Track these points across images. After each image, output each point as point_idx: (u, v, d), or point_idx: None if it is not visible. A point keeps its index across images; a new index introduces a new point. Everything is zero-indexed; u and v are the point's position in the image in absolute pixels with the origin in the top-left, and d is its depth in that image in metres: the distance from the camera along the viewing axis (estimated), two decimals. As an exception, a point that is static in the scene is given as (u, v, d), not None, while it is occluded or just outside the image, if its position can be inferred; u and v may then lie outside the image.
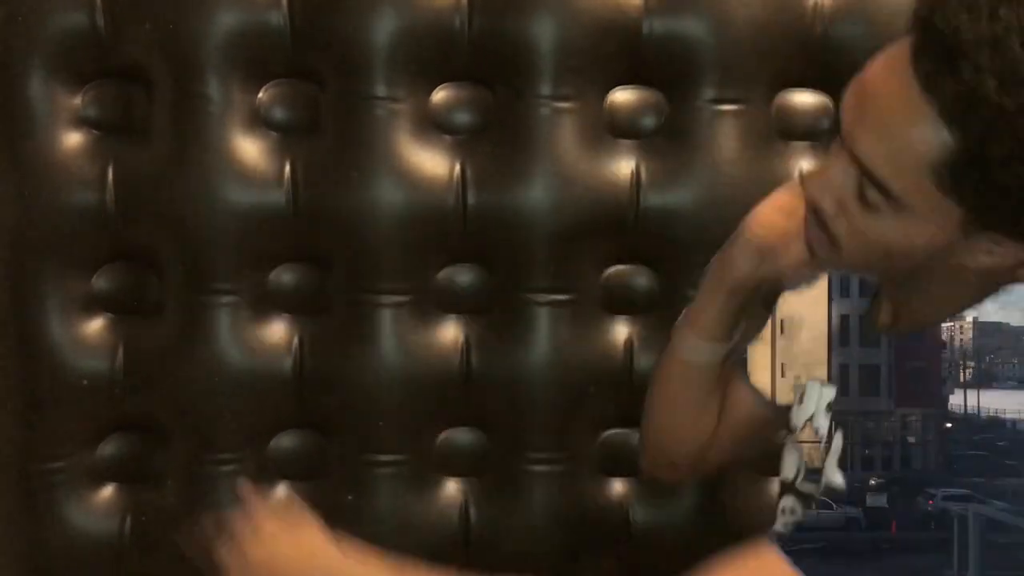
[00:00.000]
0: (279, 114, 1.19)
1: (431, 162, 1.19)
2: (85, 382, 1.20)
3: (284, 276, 1.22)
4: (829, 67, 1.19)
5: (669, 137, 1.21)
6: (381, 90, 1.17)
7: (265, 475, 1.23)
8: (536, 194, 1.19)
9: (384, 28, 1.14)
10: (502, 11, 1.17)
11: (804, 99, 1.22)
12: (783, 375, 0.98)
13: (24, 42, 1.15)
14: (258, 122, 1.18)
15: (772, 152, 1.21)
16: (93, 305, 1.21)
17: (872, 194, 0.67)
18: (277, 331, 1.21)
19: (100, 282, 1.21)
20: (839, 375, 0.95)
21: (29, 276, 1.18)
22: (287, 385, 1.21)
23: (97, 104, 1.18)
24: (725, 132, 1.19)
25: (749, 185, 1.19)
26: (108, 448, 1.23)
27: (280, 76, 1.19)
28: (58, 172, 1.17)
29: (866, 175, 0.67)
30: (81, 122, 1.18)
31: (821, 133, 1.21)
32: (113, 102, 1.18)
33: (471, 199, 1.19)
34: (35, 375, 1.20)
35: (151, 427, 1.22)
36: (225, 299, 1.19)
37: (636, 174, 1.21)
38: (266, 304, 1.21)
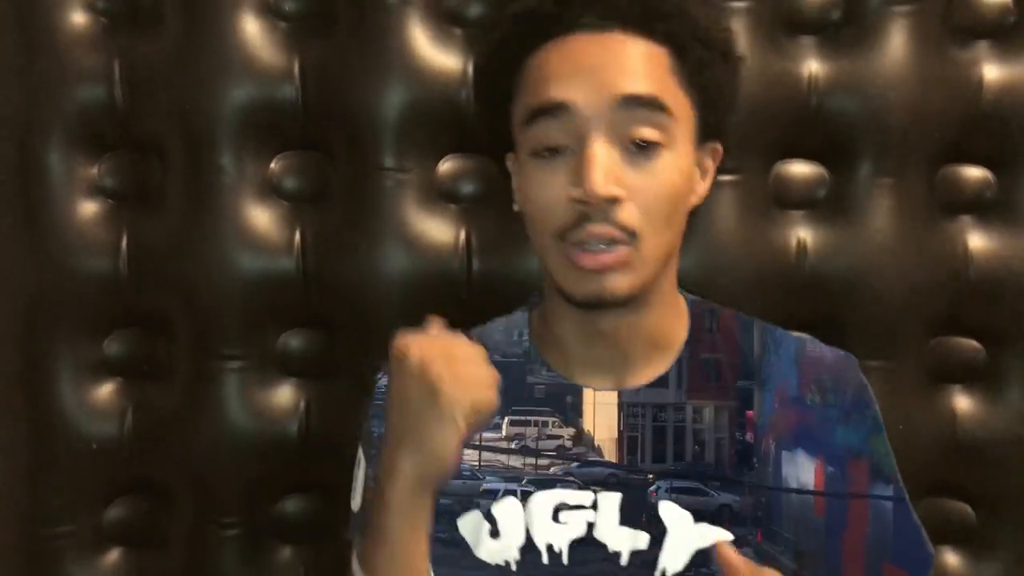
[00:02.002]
0: (290, 184, 1.22)
1: (437, 230, 1.21)
2: (94, 446, 1.21)
3: (292, 341, 1.24)
4: (825, 138, 1.23)
5: (669, 206, 1.23)
6: (389, 161, 1.20)
7: (271, 539, 1.24)
8: (534, 265, 1.21)
9: (393, 102, 1.17)
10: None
11: (801, 169, 1.24)
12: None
13: (45, 113, 1.19)
14: (269, 192, 1.21)
15: (770, 220, 1.23)
16: (104, 369, 1.23)
17: (647, 129, 0.74)
18: (284, 395, 1.23)
19: (111, 347, 1.23)
20: None
21: (42, 340, 1.20)
22: (293, 449, 1.22)
23: (113, 174, 1.21)
24: (723, 201, 1.22)
25: (747, 253, 1.22)
26: (115, 512, 1.24)
27: (291, 147, 1.22)
28: (73, 239, 1.20)
29: (641, 104, 0.73)
30: (97, 191, 1.21)
31: (818, 202, 1.24)
32: (129, 172, 1.22)
33: (476, 265, 1.21)
34: (44, 438, 1.21)
35: (158, 490, 1.23)
36: (233, 364, 1.21)
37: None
38: (273, 368, 1.23)
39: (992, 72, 1.21)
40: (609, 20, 0.76)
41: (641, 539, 0.82)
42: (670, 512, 0.83)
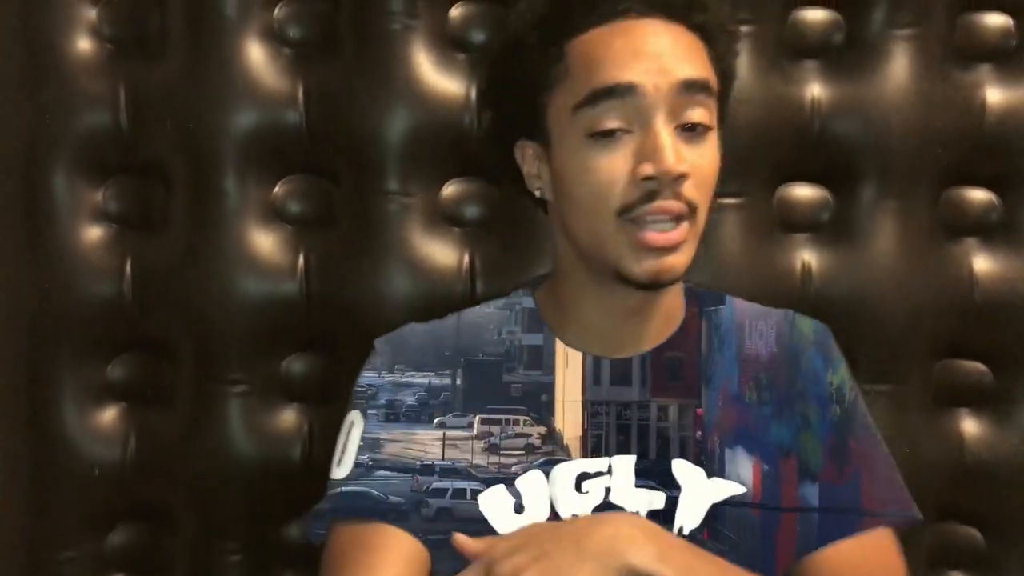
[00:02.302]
0: (294, 208, 1.22)
1: (441, 253, 1.21)
2: (97, 471, 1.21)
3: (295, 365, 1.23)
4: (828, 161, 1.23)
5: (673, 229, 1.23)
6: (393, 185, 1.20)
7: (273, 564, 1.23)
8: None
9: (396, 126, 1.18)
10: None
11: (804, 192, 1.24)
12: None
13: (50, 139, 1.19)
14: (273, 216, 1.21)
15: (774, 244, 1.23)
16: (107, 394, 1.23)
17: (699, 112, 0.78)
18: (287, 419, 1.23)
19: (115, 371, 1.23)
20: (592, 364, 0.91)
21: (45, 364, 1.20)
22: (296, 473, 1.21)
23: (118, 198, 1.22)
24: (728, 225, 1.22)
25: (752, 276, 1.22)
26: (117, 537, 1.23)
27: (295, 171, 1.22)
28: (78, 264, 1.20)
29: (698, 89, 0.77)
30: (102, 216, 1.21)
31: (822, 225, 1.24)
32: (133, 197, 1.22)
33: (479, 288, 1.21)
34: (47, 462, 1.21)
35: (161, 515, 1.23)
36: (237, 388, 1.21)
37: (641, 265, 1.23)
38: (276, 393, 1.22)
39: (995, 95, 1.22)
40: (654, 7, 0.79)
41: (657, 499, 0.84)
42: (683, 470, 0.85)
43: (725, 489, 0.86)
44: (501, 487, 0.85)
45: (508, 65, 0.86)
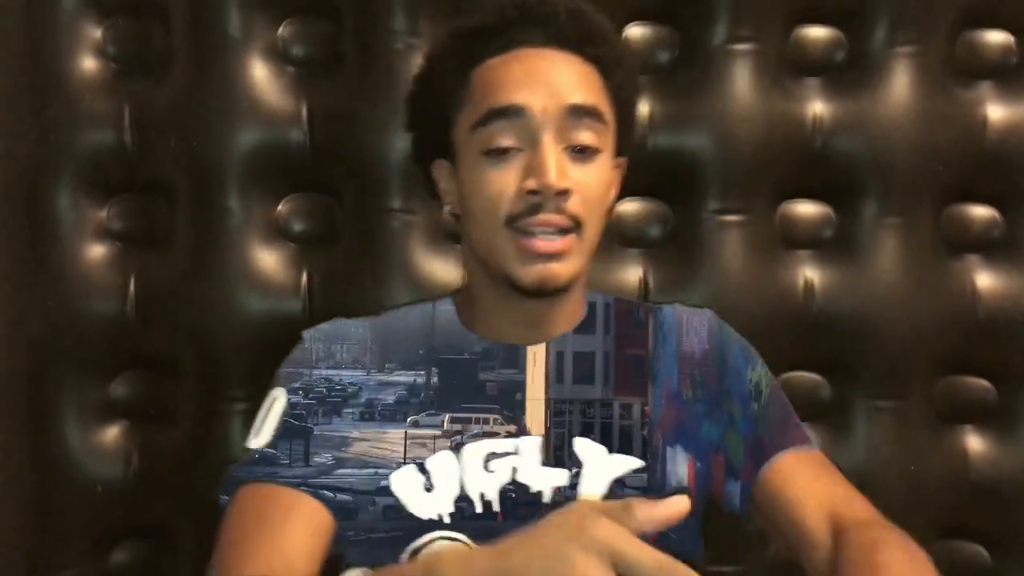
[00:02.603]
0: (297, 226, 1.22)
1: (444, 270, 1.22)
2: (99, 488, 1.20)
3: (298, 382, 1.23)
4: (830, 178, 1.23)
5: (675, 246, 1.24)
6: (396, 203, 1.20)
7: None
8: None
9: (400, 144, 1.18)
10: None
11: (806, 209, 1.25)
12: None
13: (55, 157, 1.19)
14: (277, 234, 1.22)
15: (777, 260, 1.23)
16: (110, 411, 1.22)
17: (587, 135, 0.83)
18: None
19: (118, 389, 1.23)
20: (555, 362, 0.94)
21: (48, 381, 1.20)
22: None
23: (122, 217, 1.22)
24: (730, 241, 1.22)
25: (754, 293, 1.22)
26: (120, 555, 1.23)
27: (299, 190, 1.22)
28: (82, 282, 1.20)
29: (585, 114, 0.83)
30: (106, 234, 1.22)
31: (824, 242, 1.24)
32: (137, 215, 1.22)
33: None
34: (49, 480, 1.20)
35: (164, 533, 1.22)
36: (239, 406, 1.20)
37: (644, 282, 1.23)
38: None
39: (996, 112, 1.22)
40: (550, 39, 0.85)
41: (561, 476, 0.88)
42: (584, 447, 0.90)
43: (625, 464, 0.91)
44: (411, 467, 0.88)
45: (423, 91, 0.93)
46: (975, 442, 1.25)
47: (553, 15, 0.85)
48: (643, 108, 1.22)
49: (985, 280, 1.23)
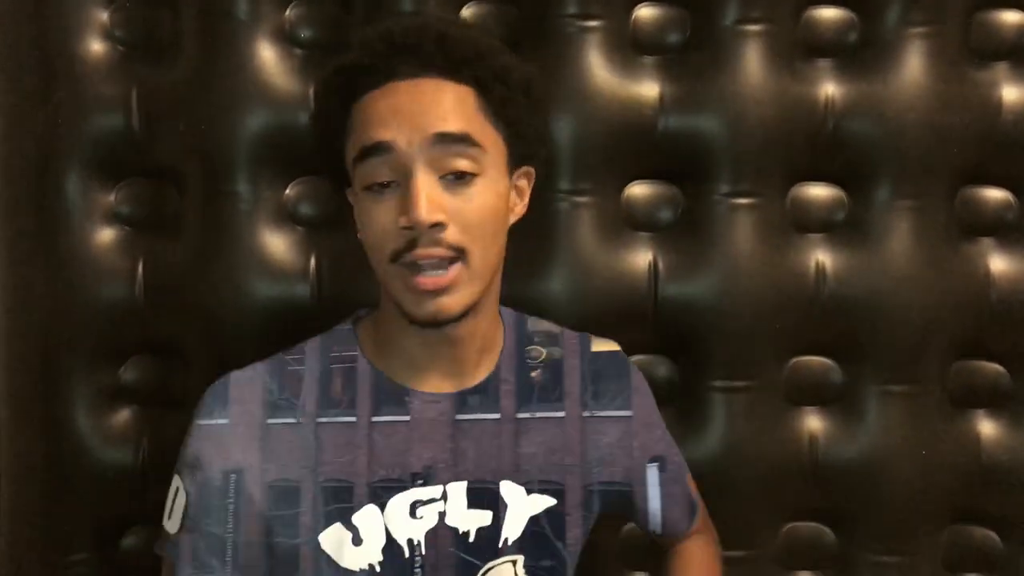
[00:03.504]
0: (306, 210, 1.22)
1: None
2: (110, 474, 1.21)
3: (307, 367, 1.23)
4: (843, 161, 1.22)
5: (685, 230, 1.23)
6: (404, 186, 1.20)
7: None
8: (555, 286, 1.20)
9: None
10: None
11: (818, 192, 1.24)
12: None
13: (63, 141, 1.19)
14: (285, 218, 1.21)
15: (788, 244, 1.22)
16: (119, 396, 1.23)
17: (461, 161, 0.84)
18: (300, 422, 1.22)
19: (127, 374, 1.23)
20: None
21: (57, 366, 1.20)
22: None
23: (130, 201, 1.22)
24: (741, 225, 1.21)
25: (766, 276, 1.21)
26: (130, 541, 1.23)
27: (307, 174, 1.22)
28: (90, 266, 1.20)
29: (453, 141, 0.83)
30: (114, 218, 1.21)
31: (836, 225, 1.23)
32: (145, 199, 1.22)
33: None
34: (60, 466, 1.20)
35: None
36: (249, 390, 1.20)
37: (653, 266, 1.22)
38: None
39: (1011, 93, 1.21)
40: (421, 68, 0.85)
41: (486, 517, 0.93)
42: (508, 489, 0.94)
43: (542, 503, 0.95)
44: (338, 525, 0.90)
45: (314, 125, 0.95)
46: (987, 427, 1.24)
47: (419, 44, 0.86)
48: (652, 90, 1.21)
49: (999, 263, 1.22)
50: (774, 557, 1.25)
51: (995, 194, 1.24)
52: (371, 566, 0.89)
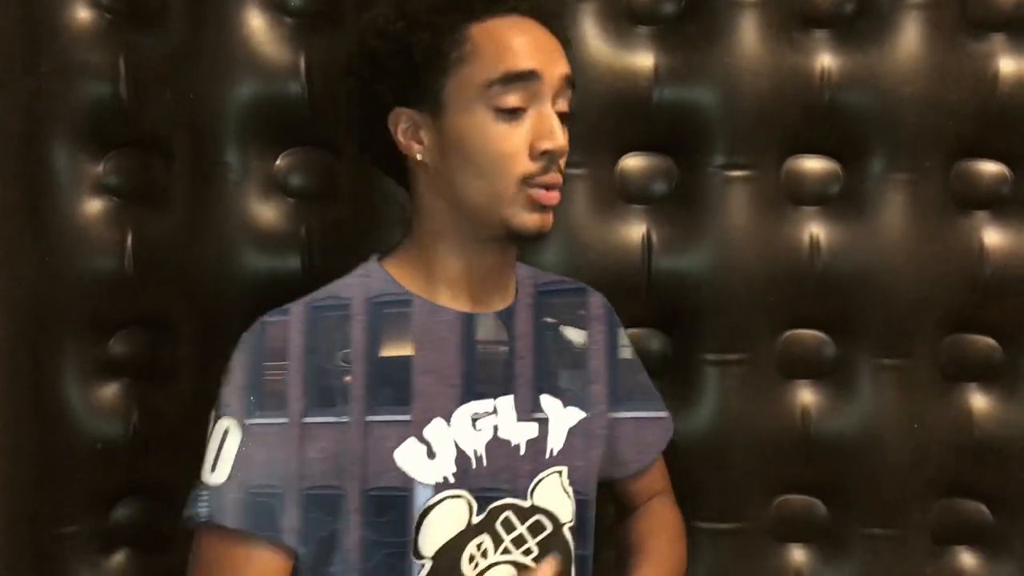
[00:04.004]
0: (296, 181, 1.21)
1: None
2: (99, 446, 1.20)
3: (299, 340, 1.23)
4: (838, 133, 1.21)
5: (680, 202, 1.23)
6: (396, 157, 1.19)
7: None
8: (548, 258, 1.20)
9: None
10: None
11: (813, 165, 1.23)
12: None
13: (49, 111, 1.17)
14: (275, 189, 1.20)
15: (782, 217, 1.22)
16: (109, 369, 1.22)
17: (566, 103, 0.93)
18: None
19: (117, 346, 1.22)
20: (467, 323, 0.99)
21: (46, 339, 1.19)
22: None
23: (118, 172, 1.20)
24: (735, 197, 1.20)
25: (760, 249, 1.21)
26: (121, 513, 1.23)
27: (297, 144, 1.21)
28: (78, 238, 1.19)
29: (570, 85, 0.92)
30: (102, 189, 1.20)
31: (831, 198, 1.23)
32: (134, 170, 1.20)
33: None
34: (49, 438, 1.19)
35: (165, 491, 1.22)
36: (240, 363, 1.20)
37: (647, 238, 1.22)
38: (280, 368, 1.22)
39: (1008, 65, 1.20)
40: (533, 11, 0.93)
41: (532, 429, 0.97)
42: (548, 402, 0.99)
43: (576, 415, 1.01)
44: (412, 439, 0.92)
45: (398, 40, 0.92)
46: (980, 401, 1.24)
47: None
48: (647, 61, 1.20)
49: (993, 237, 1.22)
50: (766, 530, 1.25)
51: (990, 167, 1.24)
52: (445, 479, 0.92)
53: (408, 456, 0.91)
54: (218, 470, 0.89)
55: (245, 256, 1.19)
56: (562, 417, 1.00)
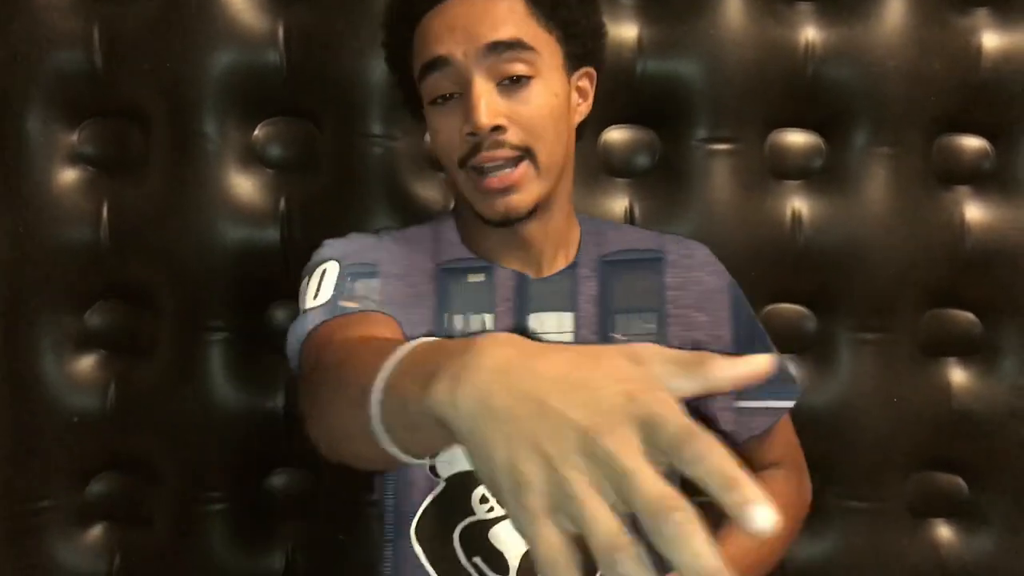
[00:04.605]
0: (275, 151, 1.19)
1: (427, 197, 1.19)
2: (76, 419, 1.19)
3: (278, 313, 1.21)
4: (821, 107, 1.21)
5: (662, 176, 1.22)
6: (377, 128, 1.17)
7: (257, 513, 1.22)
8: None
9: (380, 67, 1.14)
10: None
11: (796, 139, 1.22)
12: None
13: (23, 80, 1.15)
14: (253, 159, 1.19)
15: (765, 191, 1.21)
16: (86, 342, 1.20)
17: (516, 66, 0.87)
18: (270, 367, 1.21)
19: (93, 319, 1.21)
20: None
21: (21, 311, 1.17)
22: (279, 423, 1.20)
23: (93, 141, 1.18)
24: (718, 171, 1.20)
25: (742, 223, 1.20)
26: (98, 486, 1.22)
27: (276, 114, 1.19)
28: (53, 208, 1.17)
29: (506, 48, 0.86)
30: (77, 159, 1.18)
31: (813, 172, 1.22)
32: (109, 139, 1.18)
33: (466, 236, 1.19)
34: (26, 412, 1.18)
35: (141, 465, 1.21)
36: (218, 336, 1.19)
37: (630, 212, 1.21)
38: (259, 341, 1.20)
39: (991, 40, 1.19)
40: None
41: None
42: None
43: None
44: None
45: (386, 53, 0.97)
46: (958, 375, 1.24)
47: None
48: (631, 32, 1.19)
49: (974, 212, 1.22)
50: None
51: (972, 142, 1.23)
52: None
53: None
54: (321, 294, 0.91)
55: (223, 227, 1.17)
56: None
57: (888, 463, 1.23)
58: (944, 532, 1.26)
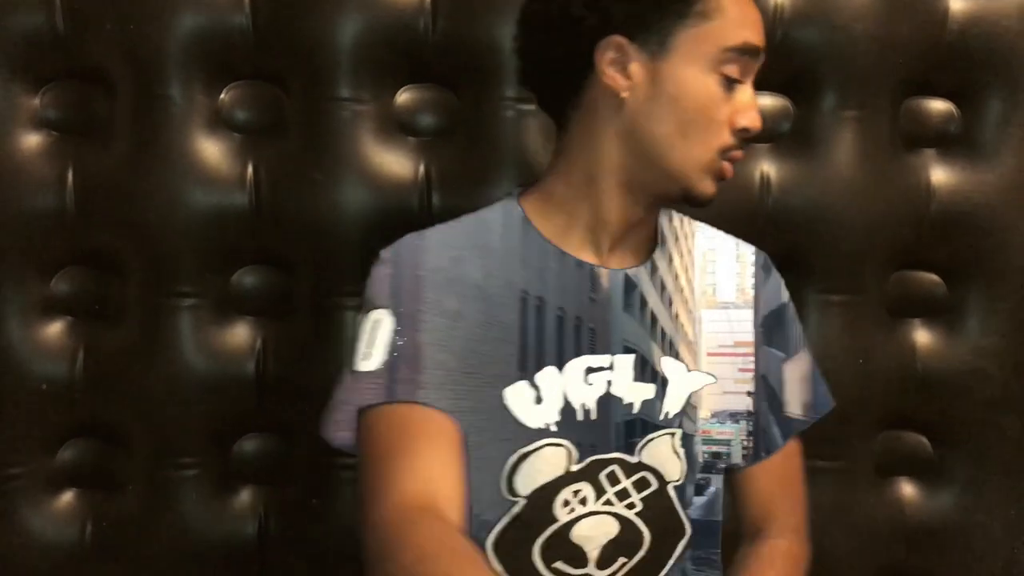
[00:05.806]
0: (241, 115, 1.18)
1: (395, 164, 1.19)
2: (44, 386, 1.18)
3: (247, 279, 1.21)
4: (789, 70, 1.21)
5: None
6: (345, 91, 1.16)
7: (228, 479, 1.22)
8: (499, 195, 1.18)
9: (348, 30, 1.14)
10: (467, 14, 1.17)
11: (765, 101, 1.21)
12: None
13: (-19, 42, 1.13)
14: (220, 124, 1.18)
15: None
16: (52, 308, 1.20)
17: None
18: (240, 334, 1.21)
19: (60, 285, 1.20)
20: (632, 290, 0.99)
21: (-14, 278, 1.17)
22: (250, 388, 1.20)
23: (56, 105, 1.17)
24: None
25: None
26: (67, 453, 1.21)
27: (242, 77, 1.18)
28: (17, 174, 1.16)
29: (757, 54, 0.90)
30: (40, 123, 1.17)
31: (781, 135, 1.23)
32: (73, 103, 1.17)
33: (436, 201, 1.19)
34: (-8, 379, 1.18)
35: (111, 432, 1.21)
36: (187, 302, 1.18)
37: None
38: (228, 307, 1.20)
39: (958, 3, 1.20)
40: None
41: (648, 390, 0.96)
42: (670, 366, 0.98)
43: (700, 379, 0.99)
44: (522, 383, 0.91)
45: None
46: (923, 336, 1.26)
47: None
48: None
49: (940, 175, 1.23)
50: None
51: (939, 105, 1.25)
52: (547, 425, 0.91)
53: (516, 397, 0.91)
54: (373, 357, 0.89)
55: (190, 193, 1.16)
56: (684, 380, 0.98)
57: (854, 422, 1.25)
58: (908, 489, 1.28)
